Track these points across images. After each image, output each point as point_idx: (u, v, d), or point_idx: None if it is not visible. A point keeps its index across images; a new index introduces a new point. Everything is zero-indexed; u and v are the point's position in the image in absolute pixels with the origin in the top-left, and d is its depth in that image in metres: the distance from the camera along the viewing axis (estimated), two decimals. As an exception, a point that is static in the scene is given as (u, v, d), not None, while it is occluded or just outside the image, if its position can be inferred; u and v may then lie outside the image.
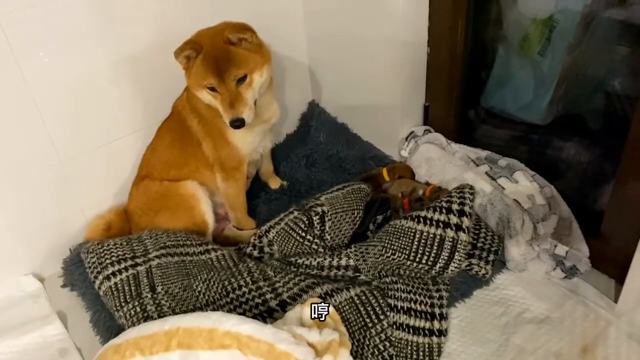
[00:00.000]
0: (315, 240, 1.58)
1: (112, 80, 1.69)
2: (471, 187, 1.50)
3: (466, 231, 1.42)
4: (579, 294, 1.49)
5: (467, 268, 1.51)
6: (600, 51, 1.69)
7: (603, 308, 1.44)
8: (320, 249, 1.57)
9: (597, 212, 1.58)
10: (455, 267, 1.42)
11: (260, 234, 1.64)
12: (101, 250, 1.54)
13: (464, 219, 1.43)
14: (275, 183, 1.99)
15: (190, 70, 1.50)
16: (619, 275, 1.46)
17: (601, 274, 1.53)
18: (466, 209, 1.44)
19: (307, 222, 1.59)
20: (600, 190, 1.66)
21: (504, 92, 1.87)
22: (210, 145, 1.66)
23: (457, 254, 1.41)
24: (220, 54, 1.46)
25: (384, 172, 1.85)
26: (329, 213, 1.60)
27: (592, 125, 1.77)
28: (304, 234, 1.58)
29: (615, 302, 1.44)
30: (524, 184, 1.60)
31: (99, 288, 1.48)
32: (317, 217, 1.60)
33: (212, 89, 1.50)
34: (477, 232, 1.54)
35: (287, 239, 1.60)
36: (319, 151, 2.07)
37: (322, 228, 1.59)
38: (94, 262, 1.52)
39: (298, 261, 1.53)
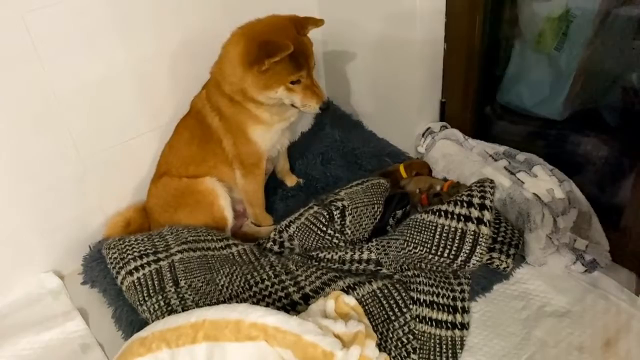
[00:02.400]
0: (336, 234, 1.59)
1: (131, 78, 1.70)
2: (491, 181, 1.50)
3: (487, 224, 1.42)
4: (600, 288, 1.49)
5: (488, 262, 1.51)
6: (618, 46, 1.69)
7: (624, 302, 1.44)
8: (341, 243, 1.58)
9: (616, 206, 1.58)
10: (477, 261, 1.42)
11: (281, 229, 1.64)
12: (123, 246, 1.54)
13: (485, 212, 1.43)
14: (291, 180, 2.00)
15: (267, 70, 1.47)
16: (640, 268, 1.46)
17: (622, 267, 1.53)
18: (487, 202, 1.44)
19: (327, 216, 1.60)
20: (619, 185, 1.66)
21: (520, 87, 1.86)
22: (230, 142, 1.67)
23: (478, 247, 1.41)
24: (302, 46, 1.49)
25: (401, 168, 1.85)
26: (349, 207, 1.60)
27: (609, 120, 1.77)
28: (324, 229, 1.59)
29: (636, 296, 1.44)
30: (543, 178, 1.60)
31: (122, 283, 1.49)
32: (338, 211, 1.60)
33: (293, 83, 1.51)
34: (497, 226, 1.54)
35: (307, 233, 1.60)
36: (335, 148, 2.07)
37: (342, 222, 1.60)
38: (115, 258, 1.52)
39: (319, 255, 1.53)
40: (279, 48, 1.43)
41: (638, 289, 1.44)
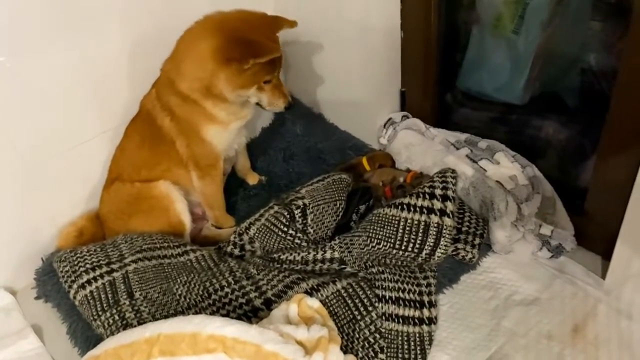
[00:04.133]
0: (298, 234, 1.54)
1: (76, 81, 1.61)
2: (453, 171, 1.48)
3: (451, 216, 1.40)
4: (567, 273, 1.48)
5: (453, 253, 1.49)
6: (574, 27, 1.68)
7: (591, 285, 1.43)
8: (304, 243, 1.54)
9: (579, 189, 1.57)
10: (442, 253, 1.40)
11: (241, 232, 1.59)
12: (74, 258, 1.47)
13: (448, 203, 1.40)
14: (253, 179, 1.94)
15: (247, 70, 1.42)
16: (605, 251, 1.45)
17: (587, 251, 1.52)
18: (449, 193, 1.41)
19: (288, 216, 1.55)
20: (582, 167, 1.66)
21: (480, 73, 1.84)
22: (184, 144, 1.60)
23: (442, 239, 1.39)
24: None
25: (364, 161, 1.82)
26: (311, 205, 1.56)
27: (569, 102, 1.77)
28: (285, 229, 1.54)
29: (602, 279, 1.43)
30: (506, 165, 1.59)
31: (74, 297, 1.42)
32: (299, 210, 1.56)
33: (265, 82, 1.49)
34: (461, 216, 1.52)
35: (268, 235, 1.55)
36: (297, 143, 2.02)
37: (304, 221, 1.56)
38: (67, 271, 1.45)
39: (281, 257, 1.49)
40: (268, 50, 1.40)
41: (604, 272, 1.44)
